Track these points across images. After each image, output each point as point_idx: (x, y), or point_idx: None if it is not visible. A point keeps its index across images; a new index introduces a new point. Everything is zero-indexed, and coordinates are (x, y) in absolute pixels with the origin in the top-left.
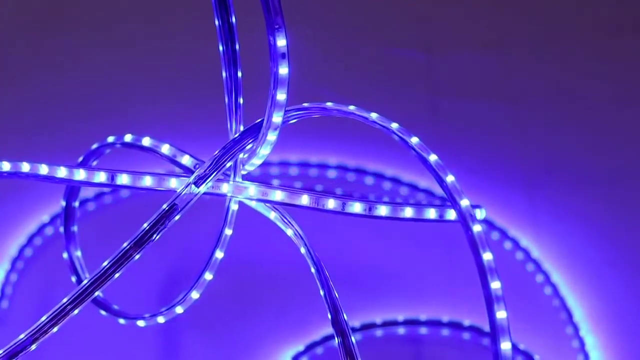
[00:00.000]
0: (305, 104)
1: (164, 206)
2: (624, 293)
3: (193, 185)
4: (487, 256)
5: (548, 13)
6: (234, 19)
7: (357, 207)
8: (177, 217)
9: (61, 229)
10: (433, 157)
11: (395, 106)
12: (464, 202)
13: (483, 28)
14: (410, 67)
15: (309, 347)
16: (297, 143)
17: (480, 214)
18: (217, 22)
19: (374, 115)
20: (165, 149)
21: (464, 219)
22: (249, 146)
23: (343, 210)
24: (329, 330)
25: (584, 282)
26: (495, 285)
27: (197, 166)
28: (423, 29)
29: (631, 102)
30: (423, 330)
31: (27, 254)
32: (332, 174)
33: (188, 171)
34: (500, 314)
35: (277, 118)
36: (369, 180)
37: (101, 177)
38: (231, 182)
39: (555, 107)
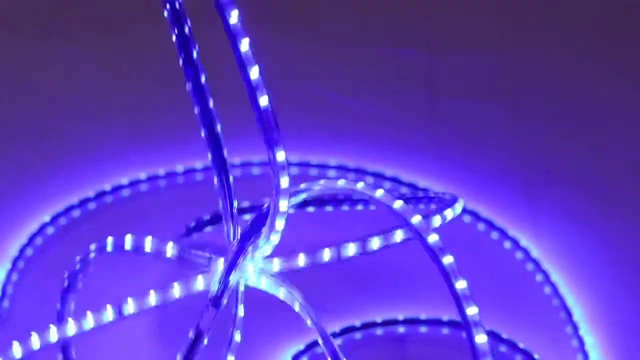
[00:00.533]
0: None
1: (190, 335)
2: (623, 293)
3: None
4: (460, 285)
5: (548, 13)
6: (219, 128)
7: (351, 249)
8: (205, 341)
9: None
10: (398, 204)
11: (395, 106)
12: (432, 238)
13: (483, 28)
14: (410, 67)
15: (309, 346)
16: (297, 143)
17: (458, 206)
18: (203, 133)
19: (340, 183)
20: (148, 243)
21: (434, 254)
22: (250, 248)
23: (339, 256)
24: (329, 329)
25: (583, 281)
26: (472, 310)
27: (182, 251)
28: (423, 29)
29: (631, 102)
30: (423, 329)
31: (28, 254)
32: (332, 174)
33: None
34: (480, 338)
35: (279, 224)
36: (369, 180)
37: (109, 314)
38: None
39: (555, 107)
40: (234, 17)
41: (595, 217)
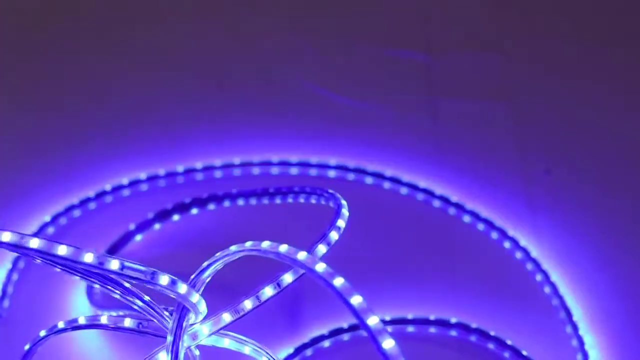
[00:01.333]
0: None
1: None
2: (622, 293)
3: None
4: (355, 300)
5: (548, 13)
6: None
7: (268, 291)
8: None
9: None
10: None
11: (394, 106)
12: (320, 267)
13: (483, 28)
14: (409, 67)
15: (298, 350)
16: (297, 143)
17: (344, 213)
18: None
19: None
20: (128, 322)
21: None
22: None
23: (260, 302)
24: (317, 332)
25: (583, 281)
26: (373, 320)
27: (141, 326)
28: (423, 29)
29: (631, 103)
30: (410, 328)
31: None
32: (332, 174)
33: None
34: (387, 344)
35: (202, 307)
36: (369, 180)
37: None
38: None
39: (555, 108)
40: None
41: (595, 218)
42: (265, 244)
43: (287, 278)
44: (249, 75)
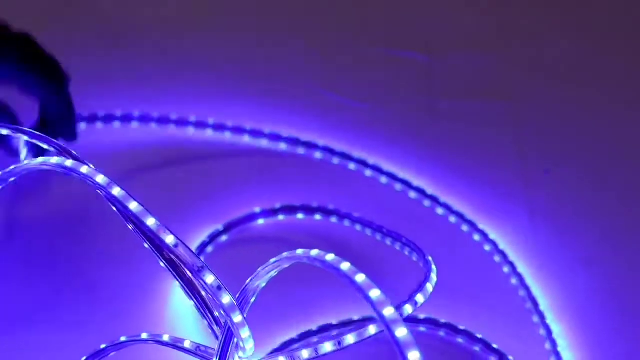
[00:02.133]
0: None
1: None
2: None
3: None
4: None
5: (548, 14)
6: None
7: (327, 347)
8: None
9: None
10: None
11: (394, 106)
12: (388, 311)
13: (483, 28)
14: (409, 68)
15: (303, 335)
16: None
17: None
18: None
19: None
20: (187, 344)
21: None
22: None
23: (317, 354)
24: (323, 320)
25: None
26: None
27: (198, 349)
28: (423, 29)
29: (631, 104)
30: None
31: None
32: (335, 161)
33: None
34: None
35: (245, 334)
36: (368, 173)
37: None
38: None
39: (555, 108)
40: None
41: (593, 218)
42: (315, 252)
43: (350, 339)
44: (249, 75)
